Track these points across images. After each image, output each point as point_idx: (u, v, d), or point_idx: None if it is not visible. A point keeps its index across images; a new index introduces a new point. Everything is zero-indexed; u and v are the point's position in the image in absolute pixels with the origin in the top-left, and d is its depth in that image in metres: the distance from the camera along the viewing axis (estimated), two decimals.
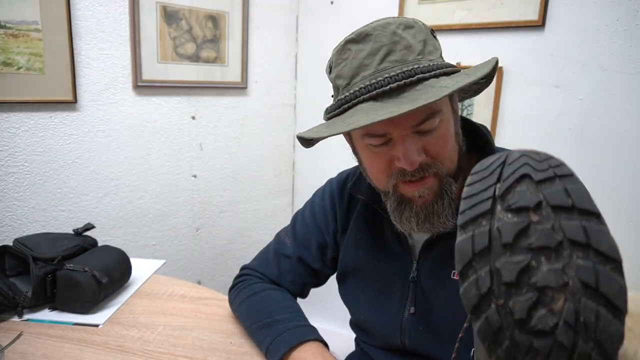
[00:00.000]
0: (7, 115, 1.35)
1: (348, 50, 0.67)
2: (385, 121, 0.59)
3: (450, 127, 0.69)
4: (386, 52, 0.64)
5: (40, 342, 0.85)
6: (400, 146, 0.65)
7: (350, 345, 0.97)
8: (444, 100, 0.66)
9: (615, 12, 1.28)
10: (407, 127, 0.64)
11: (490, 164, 0.43)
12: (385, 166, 0.69)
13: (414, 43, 0.65)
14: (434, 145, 0.66)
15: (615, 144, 1.33)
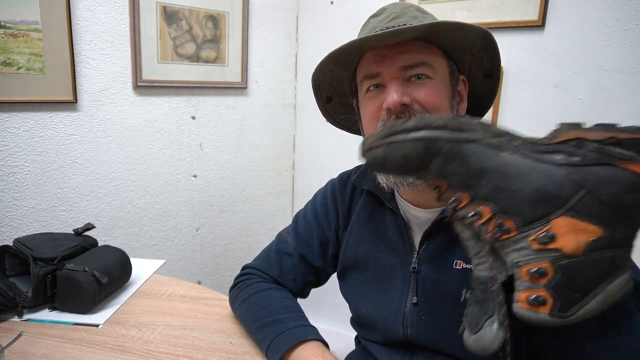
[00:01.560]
0: (7, 115, 1.35)
1: (368, 22, 0.78)
2: (378, 61, 0.71)
3: (443, 91, 0.73)
4: (394, 16, 0.73)
5: (40, 342, 0.85)
6: (389, 86, 0.71)
7: (350, 345, 0.97)
8: (439, 64, 0.73)
9: (615, 12, 1.28)
10: (397, 67, 0.71)
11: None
12: (375, 111, 0.73)
13: (421, 18, 0.73)
14: (423, 94, 0.70)
15: None
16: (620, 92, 1.30)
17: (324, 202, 0.92)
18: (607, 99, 1.33)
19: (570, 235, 0.45)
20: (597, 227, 0.45)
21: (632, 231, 0.46)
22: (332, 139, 2.02)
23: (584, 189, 0.45)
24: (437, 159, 0.48)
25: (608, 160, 0.45)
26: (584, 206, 0.45)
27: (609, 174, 0.45)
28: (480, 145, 0.48)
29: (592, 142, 0.46)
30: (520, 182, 0.47)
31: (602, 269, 0.45)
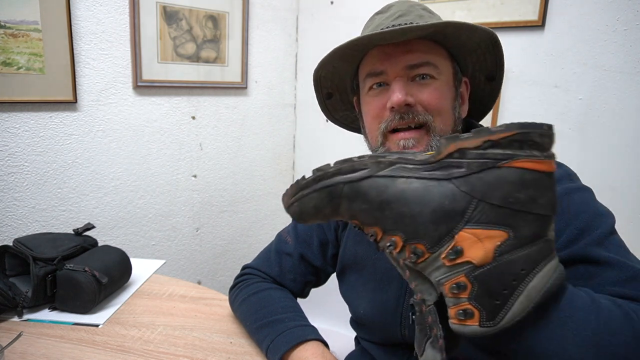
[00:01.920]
0: (7, 115, 1.35)
1: (373, 18, 0.77)
2: (383, 59, 0.70)
3: (447, 92, 0.72)
4: (400, 14, 0.73)
5: (40, 342, 0.85)
6: (393, 85, 0.71)
7: (350, 345, 0.97)
8: (443, 65, 0.72)
9: (615, 12, 1.28)
10: (402, 66, 0.70)
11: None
12: (379, 110, 0.73)
13: (427, 18, 0.73)
14: (427, 95, 0.70)
15: (615, 144, 1.33)
16: (620, 92, 1.30)
17: None
18: (607, 99, 1.33)
19: (476, 246, 0.46)
20: (500, 231, 0.45)
21: (539, 225, 0.46)
22: (332, 139, 2.02)
23: (476, 197, 0.46)
24: (343, 202, 0.50)
25: (491, 163, 0.45)
26: (481, 214, 0.46)
27: (495, 176, 0.45)
28: (375, 179, 0.49)
29: (471, 150, 0.46)
30: (418, 205, 0.48)
31: (517, 269, 0.45)
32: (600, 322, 0.47)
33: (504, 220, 0.45)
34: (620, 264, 0.57)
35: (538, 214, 0.45)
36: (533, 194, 0.45)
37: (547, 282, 0.46)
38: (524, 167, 0.45)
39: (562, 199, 0.64)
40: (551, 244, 0.47)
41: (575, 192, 0.66)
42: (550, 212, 0.46)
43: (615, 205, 0.65)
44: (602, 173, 1.34)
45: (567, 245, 0.61)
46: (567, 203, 0.64)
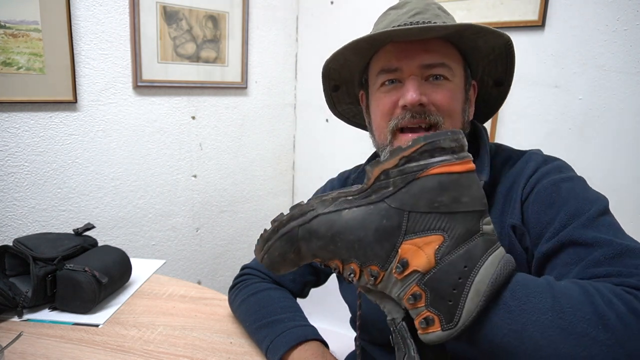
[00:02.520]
0: (7, 115, 1.35)
1: (388, 13, 0.76)
2: (400, 56, 0.70)
3: (457, 94, 0.72)
4: (417, 12, 0.72)
5: (40, 342, 0.85)
6: (407, 84, 0.70)
7: (350, 345, 0.97)
8: (456, 68, 0.72)
9: (615, 12, 1.28)
10: (417, 65, 0.70)
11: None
12: (389, 107, 0.72)
13: (444, 17, 0.73)
14: (440, 96, 0.70)
15: (615, 143, 1.33)
16: (620, 92, 1.30)
17: None
18: (607, 99, 1.33)
19: (418, 254, 0.49)
20: (435, 235, 0.49)
21: (470, 221, 0.49)
22: (332, 139, 2.02)
23: (406, 210, 0.49)
24: (302, 244, 0.54)
25: (411, 177, 0.49)
26: (414, 224, 0.49)
27: (417, 187, 0.49)
28: (323, 216, 0.53)
29: (392, 169, 0.50)
30: (362, 230, 0.51)
31: (460, 268, 0.47)
32: (558, 302, 0.47)
33: (436, 225, 0.49)
34: (608, 242, 0.56)
35: (465, 212, 0.49)
36: (454, 195, 0.48)
37: (493, 272, 0.47)
38: (439, 172, 0.49)
39: (550, 190, 0.65)
40: (489, 236, 0.49)
41: (563, 182, 0.66)
42: (478, 206, 0.49)
43: (615, 205, 0.65)
44: (602, 173, 1.34)
45: (558, 232, 0.61)
46: (556, 194, 0.65)
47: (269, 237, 0.56)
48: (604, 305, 0.47)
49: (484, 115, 0.85)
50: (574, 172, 0.71)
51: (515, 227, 0.67)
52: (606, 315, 0.46)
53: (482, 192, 0.50)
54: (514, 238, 0.67)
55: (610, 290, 0.49)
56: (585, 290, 0.49)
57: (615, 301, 0.47)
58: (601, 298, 0.48)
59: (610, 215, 0.63)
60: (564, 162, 0.72)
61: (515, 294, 0.48)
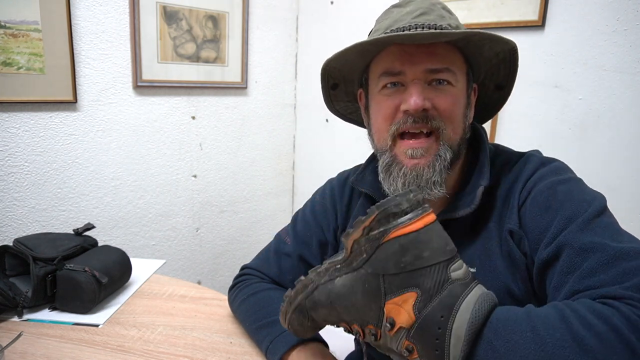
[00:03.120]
0: (7, 115, 1.35)
1: (390, 12, 0.75)
2: (403, 59, 0.69)
3: (461, 99, 0.72)
4: (422, 12, 0.71)
5: (40, 342, 0.85)
6: (410, 88, 0.69)
7: (350, 345, 0.97)
8: (460, 72, 0.71)
9: (615, 12, 1.28)
10: (421, 70, 0.69)
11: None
12: (391, 111, 0.71)
13: (448, 18, 0.72)
14: (443, 101, 0.69)
15: (615, 143, 1.33)
16: (620, 92, 1.30)
17: (322, 202, 0.92)
18: (607, 99, 1.33)
19: (399, 312, 0.53)
20: (409, 292, 0.52)
21: (437, 273, 0.52)
22: (332, 139, 2.02)
23: (380, 274, 0.54)
24: (312, 313, 0.60)
25: (376, 243, 0.54)
26: (390, 285, 0.53)
27: (382, 252, 0.54)
28: (321, 287, 0.59)
29: (361, 238, 0.55)
30: (352, 296, 0.56)
31: (437, 318, 0.51)
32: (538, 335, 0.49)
33: (408, 282, 0.52)
34: (602, 246, 0.56)
35: (430, 265, 0.52)
36: (415, 252, 0.52)
37: (469, 317, 0.50)
38: (396, 235, 0.53)
39: (547, 193, 0.65)
40: (460, 281, 0.52)
41: (560, 184, 0.66)
42: (441, 257, 0.52)
43: (615, 205, 0.65)
44: (602, 173, 1.34)
45: (555, 238, 0.61)
46: (552, 197, 0.64)
47: (286, 310, 0.63)
48: (581, 327, 0.47)
49: (483, 117, 0.85)
50: (572, 173, 0.70)
51: (513, 232, 0.67)
52: (584, 338, 0.47)
53: (445, 240, 0.54)
54: (512, 243, 0.67)
55: (589, 308, 0.49)
56: (562, 316, 0.49)
57: (593, 321, 0.48)
58: (579, 320, 0.48)
59: (607, 215, 0.62)
60: (562, 164, 0.72)
61: (498, 334, 0.50)
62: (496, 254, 0.68)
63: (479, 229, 0.71)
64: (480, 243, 0.70)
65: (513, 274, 0.67)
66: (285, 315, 0.63)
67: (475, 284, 0.53)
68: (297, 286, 0.61)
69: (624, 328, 0.46)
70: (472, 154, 0.77)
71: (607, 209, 0.63)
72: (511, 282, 0.66)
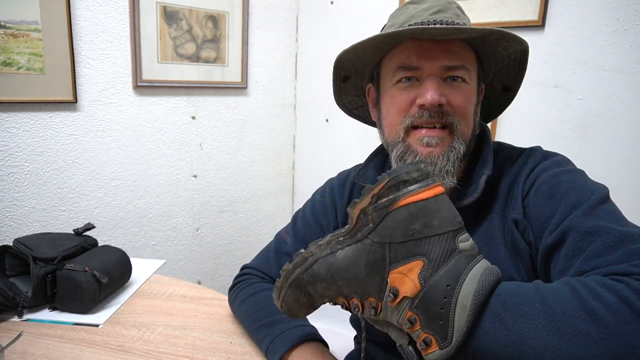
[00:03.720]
0: (7, 115, 1.35)
1: (406, 8, 0.75)
2: (420, 55, 0.69)
3: (472, 96, 0.73)
4: (438, 9, 0.71)
5: (40, 342, 0.85)
6: (427, 84, 0.70)
7: (350, 345, 0.97)
8: (473, 71, 0.72)
9: (615, 12, 1.28)
10: (438, 66, 0.69)
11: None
12: (406, 104, 0.72)
13: (463, 17, 0.73)
14: (457, 98, 0.70)
15: (615, 143, 1.33)
16: (620, 92, 1.30)
17: (322, 201, 0.92)
18: (607, 99, 1.33)
19: (404, 281, 0.52)
20: (415, 261, 0.52)
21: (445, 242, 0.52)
22: (332, 139, 2.02)
23: (386, 242, 0.53)
24: (309, 287, 0.59)
25: (384, 211, 0.53)
26: (396, 254, 0.53)
27: (391, 220, 0.53)
28: (321, 259, 0.58)
29: (368, 207, 0.55)
30: (355, 267, 0.55)
31: (443, 286, 0.50)
32: (547, 305, 0.48)
33: (414, 251, 0.52)
34: (608, 229, 0.57)
35: (438, 234, 0.52)
36: (425, 221, 0.52)
37: (475, 287, 0.49)
38: (407, 203, 0.53)
39: (550, 183, 0.66)
40: (468, 252, 0.52)
41: (563, 174, 0.67)
42: (450, 226, 0.52)
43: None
44: (602, 173, 1.34)
45: (559, 224, 0.61)
46: (556, 186, 0.65)
47: (282, 285, 0.61)
48: (591, 299, 0.47)
49: (486, 117, 0.86)
50: (574, 165, 0.71)
51: (517, 221, 0.68)
52: (594, 308, 0.46)
53: (453, 212, 0.53)
54: (517, 232, 0.68)
55: (599, 282, 0.49)
56: (572, 288, 0.49)
57: (604, 293, 0.48)
58: (589, 292, 0.48)
59: (610, 203, 0.63)
60: (563, 157, 0.73)
61: (506, 305, 0.49)
62: (499, 244, 0.69)
63: (482, 220, 0.72)
64: (483, 233, 0.71)
65: (517, 264, 0.67)
66: (281, 290, 0.61)
67: (482, 257, 0.52)
68: (295, 259, 0.60)
69: (635, 299, 0.46)
70: (476, 148, 0.78)
71: (610, 198, 0.64)
72: (514, 272, 0.67)
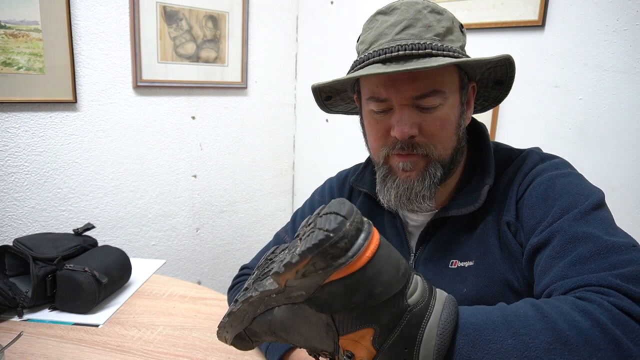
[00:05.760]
0: (7, 115, 1.35)
1: (375, 20, 0.72)
2: (387, 86, 0.66)
3: (452, 115, 0.70)
4: (406, 25, 0.68)
5: (40, 342, 0.85)
6: (397, 114, 0.68)
7: None
8: (451, 86, 0.68)
9: (615, 12, 1.28)
10: (408, 97, 0.67)
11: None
12: (381, 134, 0.71)
13: (436, 26, 0.68)
14: (430, 125, 0.68)
15: (615, 143, 1.33)
16: (620, 92, 1.30)
17: (321, 200, 0.92)
18: (607, 99, 1.33)
19: (357, 346, 0.48)
20: (365, 329, 0.47)
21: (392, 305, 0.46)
22: (332, 139, 2.02)
23: (326, 313, 0.47)
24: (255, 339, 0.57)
25: (315, 285, 0.46)
26: (342, 324, 0.47)
27: (327, 293, 0.46)
28: (258, 318, 0.54)
29: (295, 279, 0.47)
30: (298, 327, 0.50)
31: (401, 350, 0.46)
32: (519, 339, 0.46)
33: (362, 320, 0.47)
34: (595, 237, 0.56)
35: (384, 301, 0.46)
36: (366, 291, 0.45)
37: (434, 343, 0.45)
38: (339, 277, 0.45)
39: (545, 185, 0.66)
40: (421, 303, 0.47)
41: (559, 177, 0.66)
42: (395, 287, 0.46)
43: (615, 205, 0.65)
44: (602, 173, 1.34)
45: (549, 225, 0.61)
46: (551, 189, 0.65)
47: (225, 337, 0.59)
48: (565, 326, 0.46)
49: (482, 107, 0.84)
50: (572, 169, 0.71)
51: (510, 223, 0.68)
52: (567, 337, 0.45)
53: (395, 265, 0.47)
54: (510, 234, 0.67)
55: (572, 305, 0.48)
56: (544, 316, 0.47)
57: (577, 318, 0.46)
58: (562, 318, 0.46)
59: (604, 209, 0.62)
60: (562, 160, 0.72)
61: (475, 346, 0.46)
62: (494, 246, 0.69)
63: (477, 223, 0.72)
64: (478, 237, 0.71)
65: (511, 266, 0.67)
66: (226, 342, 0.59)
67: (434, 300, 0.48)
68: (229, 318, 0.55)
69: (608, 323, 0.45)
70: (474, 152, 0.77)
71: (604, 205, 0.63)
72: (510, 275, 0.67)
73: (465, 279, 0.70)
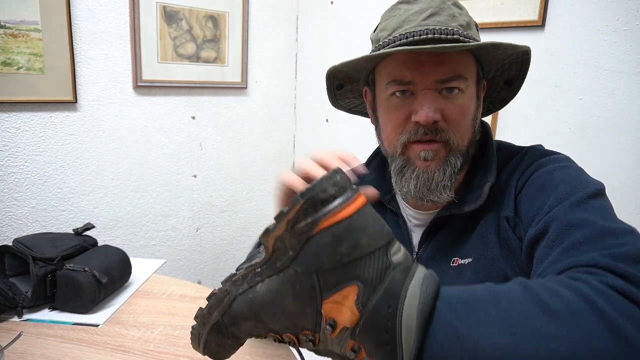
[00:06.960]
0: (7, 115, 1.35)
1: (398, 8, 0.72)
2: (412, 68, 0.66)
3: (471, 105, 0.71)
4: (432, 12, 0.68)
5: (40, 342, 0.85)
6: (421, 99, 0.67)
7: None
8: (472, 75, 0.70)
9: (615, 12, 1.28)
10: (432, 80, 0.67)
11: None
12: (401, 121, 0.70)
13: (459, 17, 0.70)
14: (453, 112, 0.68)
15: (615, 144, 1.33)
16: (620, 92, 1.30)
17: None
18: (607, 99, 1.33)
19: (340, 311, 0.46)
20: (349, 287, 0.45)
21: (378, 259, 0.45)
22: (332, 139, 2.02)
23: (312, 271, 0.46)
24: (233, 329, 0.52)
25: (304, 237, 0.46)
26: (326, 282, 0.46)
27: (313, 246, 0.46)
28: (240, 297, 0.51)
29: (284, 234, 0.47)
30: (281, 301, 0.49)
31: (384, 310, 0.44)
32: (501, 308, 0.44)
33: (346, 276, 0.45)
34: (590, 223, 0.55)
35: (369, 253, 0.45)
36: (352, 242, 0.45)
37: (417, 303, 0.44)
38: (327, 225, 0.45)
39: (544, 177, 0.66)
40: (403, 265, 0.46)
41: (557, 170, 0.66)
42: (380, 241, 0.46)
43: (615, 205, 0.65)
44: (602, 173, 1.34)
45: (546, 214, 0.61)
46: (549, 181, 0.65)
47: (199, 332, 0.54)
48: (547, 296, 0.44)
49: (486, 110, 0.85)
50: (573, 163, 0.70)
51: (509, 218, 0.68)
52: (550, 305, 0.43)
53: (380, 223, 0.47)
54: (509, 229, 0.67)
55: (557, 281, 0.47)
56: (526, 287, 0.46)
57: (561, 290, 0.45)
58: (545, 290, 0.45)
59: (603, 199, 0.62)
60: (563, 155, 0.72)
61: (459, 314, 0.45)
62: (494, 242, 0.69)
63: (477, 220, 0.72)
64: (478, 233, 0.71)
65: (510, 262, 0.67)
66: (199, 338, 0.54)
67: (416, 265, 0.48)
68: (209, 302, 0.53)
69: (593, 296, 0.44)
70: (478, 150, 0.78)
71: (604, 194, 0.63)
72: (509, 271, 0.67)
73: (464, 276, 0.70)
